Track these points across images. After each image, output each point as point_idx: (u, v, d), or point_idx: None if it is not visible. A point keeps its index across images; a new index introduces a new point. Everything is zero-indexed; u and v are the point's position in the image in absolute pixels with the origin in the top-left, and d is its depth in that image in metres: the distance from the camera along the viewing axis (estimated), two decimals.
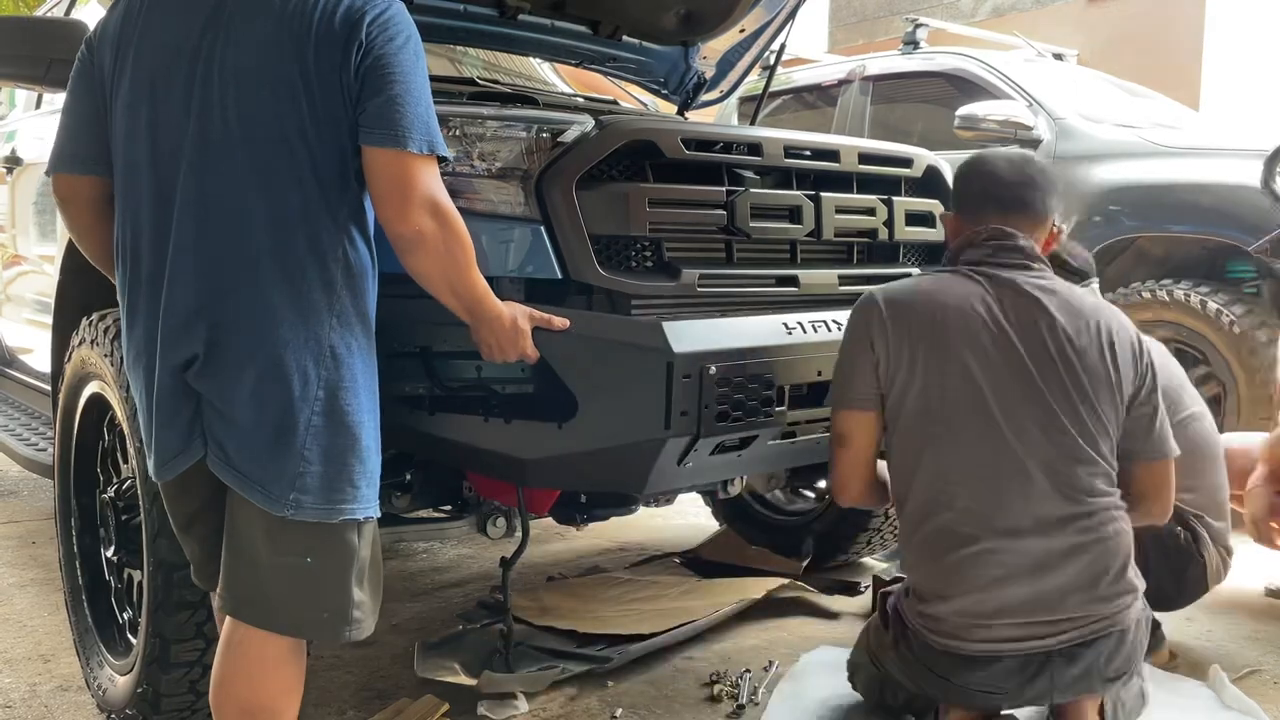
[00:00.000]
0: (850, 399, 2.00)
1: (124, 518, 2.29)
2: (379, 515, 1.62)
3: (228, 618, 1.64)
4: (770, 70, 3.47)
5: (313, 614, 1.60)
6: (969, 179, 2.10)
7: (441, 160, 1.59)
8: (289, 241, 1.53)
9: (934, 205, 2.51)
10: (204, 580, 1.76)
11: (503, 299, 1.77)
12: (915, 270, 2.47)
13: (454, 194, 1.91)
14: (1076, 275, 2.65)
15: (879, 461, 2.09)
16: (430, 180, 1.55)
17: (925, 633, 1.95)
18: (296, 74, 1.51)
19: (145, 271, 1.59)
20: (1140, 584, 1.96)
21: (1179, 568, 2.47)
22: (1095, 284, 2.69)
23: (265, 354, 1.51)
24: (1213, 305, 3.77)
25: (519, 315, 1.76)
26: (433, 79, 2.95)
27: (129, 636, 2.35)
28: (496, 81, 3.10)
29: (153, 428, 1.61)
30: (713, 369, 1.89)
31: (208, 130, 1.53)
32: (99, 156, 1.66)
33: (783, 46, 3.33)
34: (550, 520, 2.40)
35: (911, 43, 5.19)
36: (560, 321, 1.83)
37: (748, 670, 2.52)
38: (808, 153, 2.26)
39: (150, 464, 1.63)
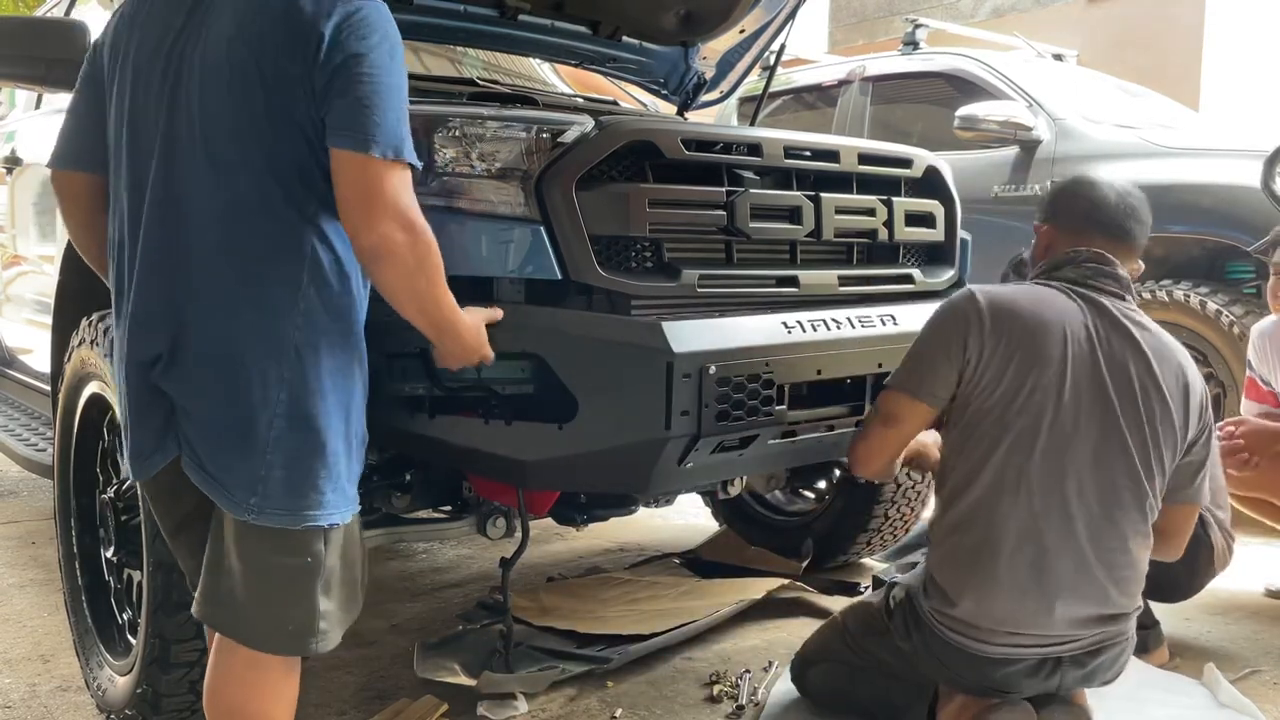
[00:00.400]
0: (919, 389, 1.97)
1: (124, 518, 2.30)
2: (346, 522, 1.58)
3: None
4: (770, 71, 3.47)
5: (277, 624, 1.57)
6: (1074, 198, 2.08)
7: (412, 168, 1.52)
8: (248, 239, 1.50)
9: (934, 205, 2.51)
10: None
11: (503, 300, 1.77)
12: (915, 271, 2.47)
13: (453, 195, 1.92)
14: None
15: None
16: (398, 189, 1.47)
17: (945, 630, 1.97)
18: (253, 67, 1.48)
19: (125, 270, 1.59)
20: (1140, 597, 2.03)
21: (1191, 552, 2.48)
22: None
23: (225, 354, 1.50)
24: (1213, 305, 3.77)
25: (479, 319, 1.72)
26: (433, 79, 2.99)
27: (129, 637, 2.35)
28: (496, 82, 3.10)
29: (128, 426, 1.61)
30: (713, 368, 1.89)
31: (174, 127, 1.52)
32: (95, 155, 1.67)
33: (782, 47, 3.33)
34: (550, 521, 2.40)
35: (911, 43, 5.19)
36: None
37: (747, 671, 2.52)
38: (807, 153, 2.26)
39: (127, 464, 1.62)
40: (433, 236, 1.52)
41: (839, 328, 2.14)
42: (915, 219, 2.45)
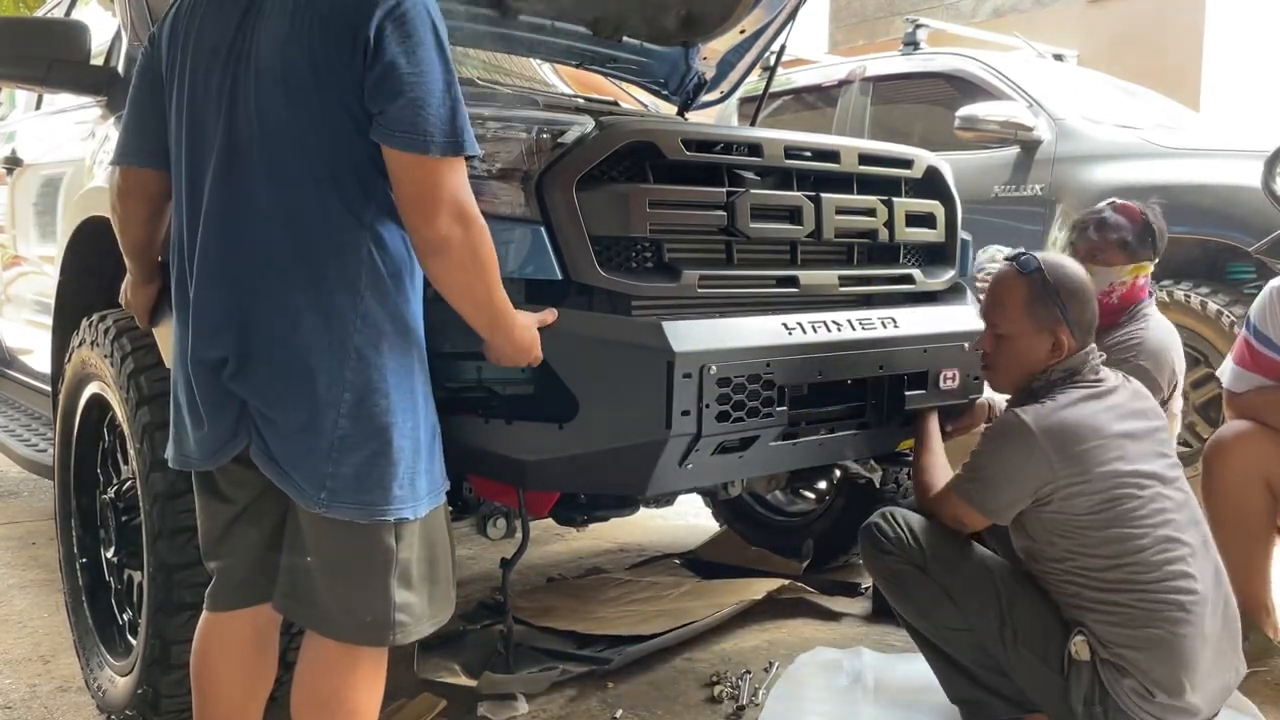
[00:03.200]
0: (995, 511, 2.06)
1: (124, 518, 2.29)
2: (419, 517, 1.59)
3: None
4: (770, 71, 3.47)
5: (354, 615, 1.59)
6: (1084, 309, 2.14)
7: (470, 159, 1.53)
8: (308, 243, 1.51)
9: (934, 205, 2.51)
10: (245, 590, 1.74)
11: None
12: (916, 271, 2.47)
13: None
14: (1152, 250, 2.71)
15: None
16: (456, 184, 1.49)
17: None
18: (306, 70, 1.48)
19: (185, 268, 1.61)
20: None
21: None
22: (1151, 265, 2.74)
23: (290, 357, 1.52)
24: (1213, 306, 3.77)
25: (532, 320, 1.75)
26: None
27: (129, 637, 2.35)
28: (496, 82, 3.10)
29: (186, 420, 1.62)
30: (713, 368, 1.89)
31: (234, 131, 1.53)
32: (162, 149, 1.68)
33: (783, 47, 3.32)
34: (550, 521, 2.40)
35: (911, 43, 5.19)
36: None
37: (748, 671, 2.52)
38: (808, 153, 2.26)
39: (192, 453, 1.64)
40: (487, 231, 1.54)
41: (840, 329, 2.14)
42: (916, 219, 2.45)
